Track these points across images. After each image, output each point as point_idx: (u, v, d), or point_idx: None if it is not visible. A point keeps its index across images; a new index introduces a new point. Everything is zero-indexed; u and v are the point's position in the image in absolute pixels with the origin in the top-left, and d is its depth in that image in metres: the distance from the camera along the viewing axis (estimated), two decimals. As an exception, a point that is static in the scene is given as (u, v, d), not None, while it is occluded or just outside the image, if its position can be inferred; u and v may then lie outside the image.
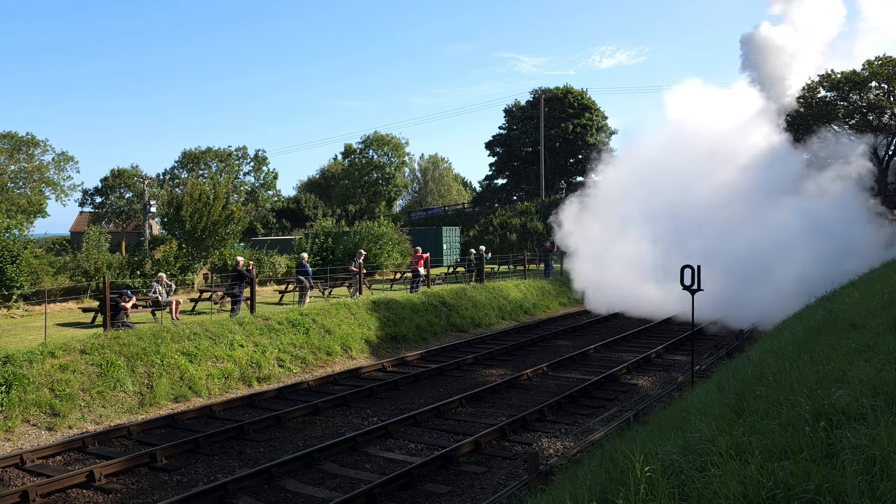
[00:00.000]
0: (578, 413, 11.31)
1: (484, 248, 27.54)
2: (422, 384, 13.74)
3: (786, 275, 18.14)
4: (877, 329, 6.60)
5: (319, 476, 8.62)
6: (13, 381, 10.71)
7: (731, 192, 21.94)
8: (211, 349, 13.84)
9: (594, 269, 23.95)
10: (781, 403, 4.61)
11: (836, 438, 3.62)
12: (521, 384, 13.38)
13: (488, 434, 9.69)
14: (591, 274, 24.17)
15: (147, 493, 8.14)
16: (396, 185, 69.35)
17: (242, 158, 67.41)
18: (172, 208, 24.64)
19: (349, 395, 12.32)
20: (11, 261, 19.45)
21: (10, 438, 10.00)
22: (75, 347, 12.21)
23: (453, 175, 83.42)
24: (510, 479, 8.35)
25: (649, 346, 17.15)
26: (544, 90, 56.62)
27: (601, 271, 23.65)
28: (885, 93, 34.04)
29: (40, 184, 55.85)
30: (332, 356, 15.84)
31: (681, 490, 3.47)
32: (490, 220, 48.85)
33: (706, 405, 5.79)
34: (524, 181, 59.91)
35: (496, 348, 16.92)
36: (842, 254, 18.63)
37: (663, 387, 12.74)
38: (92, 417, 11.09)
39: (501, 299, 23.41)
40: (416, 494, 7.92)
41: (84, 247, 25.38)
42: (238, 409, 11.93)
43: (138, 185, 61.07)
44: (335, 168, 76.37)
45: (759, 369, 6.53)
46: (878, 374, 4.63)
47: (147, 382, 12.32)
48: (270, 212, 65.87)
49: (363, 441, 9.73)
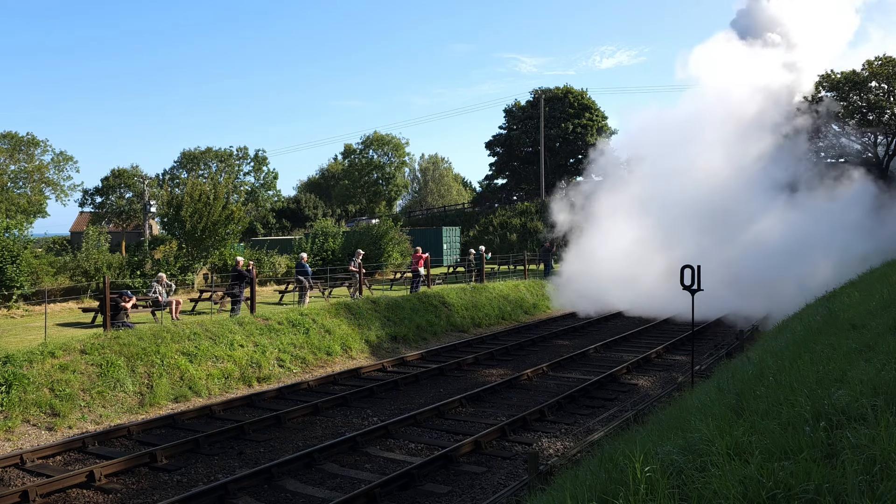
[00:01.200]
0: (578, 413, 11.30)
1: (484, 248, 27.55)
2: (422, 384, 13.74)
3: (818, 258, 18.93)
4: (877, 329, 6.60)
5: (319, 476, 8.62)
6: (13, 381, 10.71)
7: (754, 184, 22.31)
8: (211, 349, 13.83)
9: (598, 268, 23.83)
10: (781, 403, 4.61)
11: (836, 438, 3.62)
12: (521, 384, 13.38)
13: (488, 434, 9.69)
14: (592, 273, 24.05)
15: (147, 493, 8.13)
16: (396, 185, 69.38)
17: (242, 158, 67.42)
18: (172, 208, 24.64)
19: (349, 395, 12.31)
20: (11, 261, 19.45)
21: (10, 438, 10.00)
22: (75, 347, 12.21)
23: (453, 175, 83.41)
24: (510, 479, 8.35)
25: (649, 346, 17.15)
26: (544, 90, 56.62)
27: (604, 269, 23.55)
28: (885, 93, 34.04)
29: (40, 184, 55.88)
30: (332, 356, 15.84)
31: (681, 490, 3.47)
32: (490, 220, 48.85)
33: (706, 405, 5.79)
34: (524, 181, 59.90)
35: (496, 348, 16.91)
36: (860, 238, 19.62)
37: (663, 387, 12.74)
38: (92, 417, 11.08)
39: (501, 299, 23.40)
40: (416, 494, 7.92)
41: (84, 247, 25.31)
42: (238, 409, 11.93)
43: (138, 185, 61.09)
44: (335, 168, 76.40)
45: (759, 369, 6.54)
46: (878, 374, 4.63)
47: (147, 382, 12.32)
48: (270, 212, 65.88)
49: (363, 441, 9.73)
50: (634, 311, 22.96)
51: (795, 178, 23.08)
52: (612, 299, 23.51)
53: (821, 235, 20.28)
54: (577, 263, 24.53)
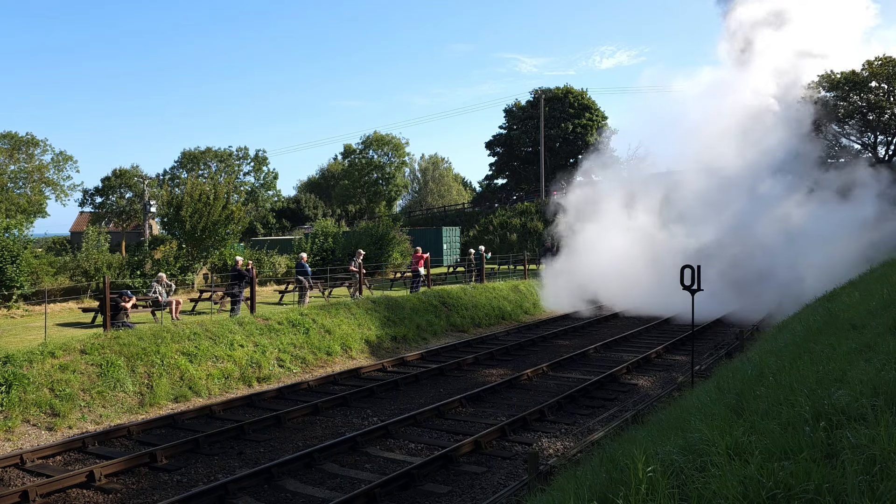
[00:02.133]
0: (578, 413, 11.30)
1: (483, 248, 27.54)
2: (422, 384, 13.74)
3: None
4: (877, 329, 6.59)
5: (319, 476, 8.62)
6: (13, 381, 10.71)
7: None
8: (211, 349, 13.83)
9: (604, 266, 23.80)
10: (781, 403, 4.61)
11: (836, 438, 3.62)
12: (521, 384, 13.38)
13: (488, 434, 9.68)
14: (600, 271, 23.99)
15: (147, 493, 8.13)
16: (396, 185, 69.34)
17: (242, 159, 67.39)
18: (172, 208, 24.65)
19: (349, 395, 12.31)
20: (11, 261, 19.45)
21: (10, 438, 10.00)
22: (75, 347, 12.21)
23: (453, 175, 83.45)
24: (510, 479, 8.35)
25: (649, 346, 17.14)
26: (544, 90, 56.63)
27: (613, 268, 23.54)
28: (885, 93, 34.05)
29: (40, 184, 55.84)
30: (332, 356, 15.84)
31: (681, 490, 3.47)
32: (490, 220, 48.84)
33: (706, 405, 5.79)
34: (524, 181, 59.91)
35: (496, 348, 16.91)
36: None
37: (663, 387, 12.73)
38: (92, 417, 11.08)
39: (501, 299, 23.40)
40: (416, 494, 7.92)
41: (84, 247, 25.31)
42: (238, 409, 11.93)
43: (138, 185, 61.08)
44: (335, 168, 76.39)
45: (759, 369, 6.54)
46: (878, 374, 4.62)
47: (147, 382, 12.32)
48: (270, 212, 65.88)
49: (363, 441, 9.73)
50: (634, 311, 22.96)
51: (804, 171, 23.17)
52: (610, 299, 23.50)
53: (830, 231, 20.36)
54: (572, 262, 24.52)
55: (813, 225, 20.91)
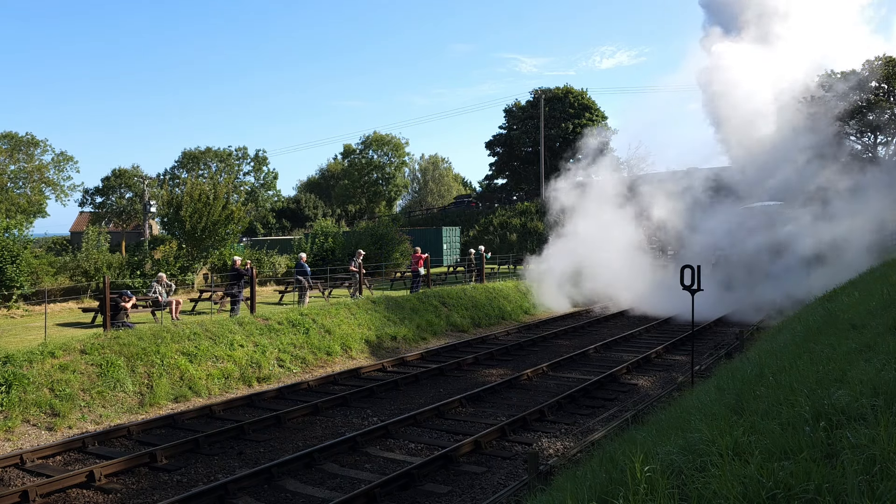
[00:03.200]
0: (578, 413, 11.30)
1: (483, 247, 27.53)
2: (422, 384, 13.74)
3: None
4: (877, 329, 6.59)
5: (319, 476, 8.62)
6: (13, 381, 10.71)
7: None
8: (211, 349, 13.83)
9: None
10: (781, 403, 4.61)
11: (836, 438, 3.62)
12: (521, 384, 13.38)
13: (488, 434, 9.68)
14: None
15: (147, 493, 8.13)
16: (396, 185, 69.38)
17: (242, 158, 67.44)
18: (172, 208, 24.65)
19: (349, 395, 12.31)
20: (11, 261, 19.46)
21: (10, 438, 10.00)
22: (75, 347, 12.21)
23: (453, 175, 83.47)
24: (510, 479, 8.35)
25: (649, 346, 17.14)
26: (544, 90, 56.64)
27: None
28: (885, 93, 34.05)
29: (40, 184, 55.88)
30: (332, 356, 15.83)
31: (681, 490, 3.47)
32: (490, 220, 48.85)
33: (706, 405, 5.79)
34: (524, 181, 59.91)
35: (496, 348, 16.91)
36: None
37: (663, 387, 12.73)
38: (92, 417, 11.08)
39: (501, 299, 23.40)
40: (416, 494, 7.92)
41: (84, 247, 25.30)
42: (238, 409, 11.93)
43: (138, 185, 61.09)
44: (335, 168, 76.41)
45: (759, 369, 6.53)
46: (878, 374, 4.62)
47: (147, 382, 12.32)
48: (270, 212, 65.91)
49: (363, 441, 9.73)
50: (634, 311, 22.96)
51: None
52: (611, 299, 23.48)
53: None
54: (567, 260, 24.53)
55: (818, 227, 20.96)
